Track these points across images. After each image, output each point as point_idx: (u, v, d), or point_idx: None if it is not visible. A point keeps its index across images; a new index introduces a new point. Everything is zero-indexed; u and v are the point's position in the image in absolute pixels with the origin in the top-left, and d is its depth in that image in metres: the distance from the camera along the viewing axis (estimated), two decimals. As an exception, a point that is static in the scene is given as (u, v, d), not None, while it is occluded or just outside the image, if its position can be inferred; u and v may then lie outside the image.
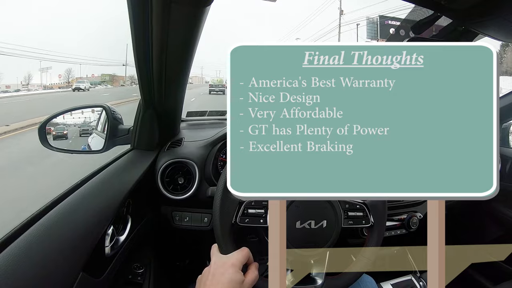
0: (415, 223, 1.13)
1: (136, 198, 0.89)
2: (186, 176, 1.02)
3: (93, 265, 0.64)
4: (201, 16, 0.69)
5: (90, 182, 0.79)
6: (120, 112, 1.08)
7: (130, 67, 59.46)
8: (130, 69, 59.36)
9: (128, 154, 1.02)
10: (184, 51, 0.80)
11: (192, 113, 1.55)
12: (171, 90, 0.94)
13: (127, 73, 57.90)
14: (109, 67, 76.03)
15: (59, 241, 0.60)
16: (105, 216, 0.71)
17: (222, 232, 0.67)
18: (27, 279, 0.51)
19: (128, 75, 56.98)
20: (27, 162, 4.87)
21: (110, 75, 61.60)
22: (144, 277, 0.94)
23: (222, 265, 0.59)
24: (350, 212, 0.74)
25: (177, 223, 1.05)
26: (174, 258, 1.29)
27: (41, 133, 0.93)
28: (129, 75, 56.61)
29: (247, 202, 0.72)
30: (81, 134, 1.14)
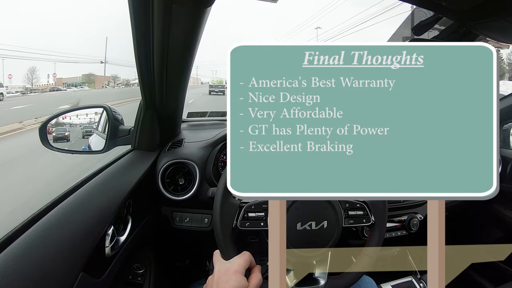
0: (415, 224, 1.13)
1: (136, 199, 0.89)
2: (186, 176, 1.02)
3: (93, 266, 0.64)
4: (202, 17, 0.69)
5: (90, 183, 0.79)
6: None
7: (111, 65, 52.98)
8: (113, 68, 53.51)
9: (128, 154, 1.02)
10: (185, 52, 0.80)
11: (193, 114, 1.55)
12: (172, 91, 0.95)
13: (107, 73, 51.38)
14: (81, 64, 60.53)
15: (59, 241, 0.60)
16: (105, 217, 0.71)
17: (223, 238, 0.67)
18: (27, 279, 0.51)
19: (111, 75, 49.93)
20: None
21: (87, 75, 51.00)
22: (144, 277, 0.94)
23: (225, 273, 0.59)
24: (350, 212, 0.74)
25: (177, 223, 1.05)
26: (175, 259, 1.29)
27: (42, 133, 0.93)
28: (111, 74, 50.02)
29: (247, 205, 0.72)
30: (84, 136, 1.14)
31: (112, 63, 55.28)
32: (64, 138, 1.08)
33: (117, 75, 51.08)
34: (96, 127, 1.13)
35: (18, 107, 12.82)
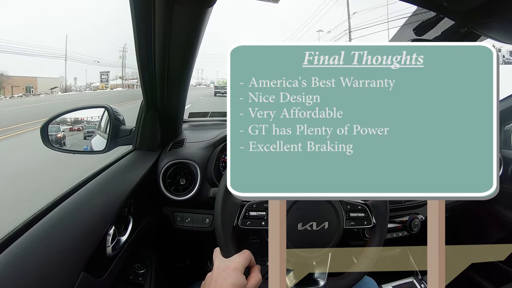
0: (416, 225, 1.13)
1: (137, 199, 0.89)
2: (187, 177, 1.02)
3: (95, 265, 0.64)
4: (204, 17, 0.69)
5: (92, 182, 0.79)
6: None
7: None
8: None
9: (130, 154, 1.03)
10: (186, 52, 0.81)
11: (194, 114, 1.56)
12: (173, 91, 0.95)
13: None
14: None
15: (60, 241, 0.60)
16: (106, 216, 0.72)
17: (224, 235, 0.68)
18: (28, 279, 0.51)
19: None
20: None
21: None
22: (145, 277, 0.94)
23: (225, 270, 0.59)
24: (351, 213, 0.74)
25: (178, 223, 1.05)
26: (175, 259, 1.29)
27: (43, 133, 0.93)
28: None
29: (249, 204, 0.72)
30: (85, 137, 1.14)
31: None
32: (59, 141, 1.02)
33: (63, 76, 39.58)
34: (97, 127, 1.13)
35: None
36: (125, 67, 50.35)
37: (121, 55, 52.37)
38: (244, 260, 0.61)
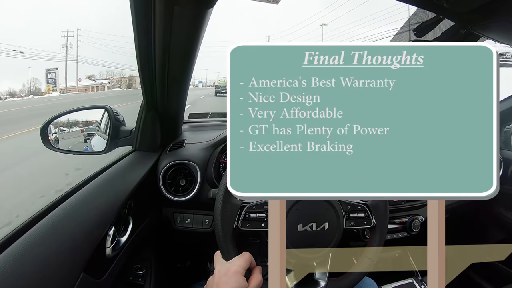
0: (416, 226, 1.13)
1: (137, 200, 0.89)
2: (187, 178, 1.02)
3: (94, 266, 0.64)
4: (204, 18, 0.69)
5: (92, 183, 0.79)
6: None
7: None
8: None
9: (130, 155, 1.03)
10: (186, 53, 0.81)
11: (194, 115, 1.56)
12: (173, 92, 0.95)
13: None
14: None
15: (60, 242, 0.60)
16: (106, 217, 0.72)
17: (224, 238, 0.68)
18: (27, 279, 0.51)
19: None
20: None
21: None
22: (145, 278, 0.94)
23: (226, 273, 0.59)
24: (351, 214, 0.74)
25: (178, 224, 1.05)
26: (175, 260, 1.29)
27: (43, 133, 0.93)
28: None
29: (248, 206, 0.72)
30: (85, 140, 1.13)
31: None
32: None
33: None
34: (97, 128, 1.13)
35: None
36: (69, 61, 38.10)
37: (64, 43, 40.13)
38: (245, 263, 0.61)
